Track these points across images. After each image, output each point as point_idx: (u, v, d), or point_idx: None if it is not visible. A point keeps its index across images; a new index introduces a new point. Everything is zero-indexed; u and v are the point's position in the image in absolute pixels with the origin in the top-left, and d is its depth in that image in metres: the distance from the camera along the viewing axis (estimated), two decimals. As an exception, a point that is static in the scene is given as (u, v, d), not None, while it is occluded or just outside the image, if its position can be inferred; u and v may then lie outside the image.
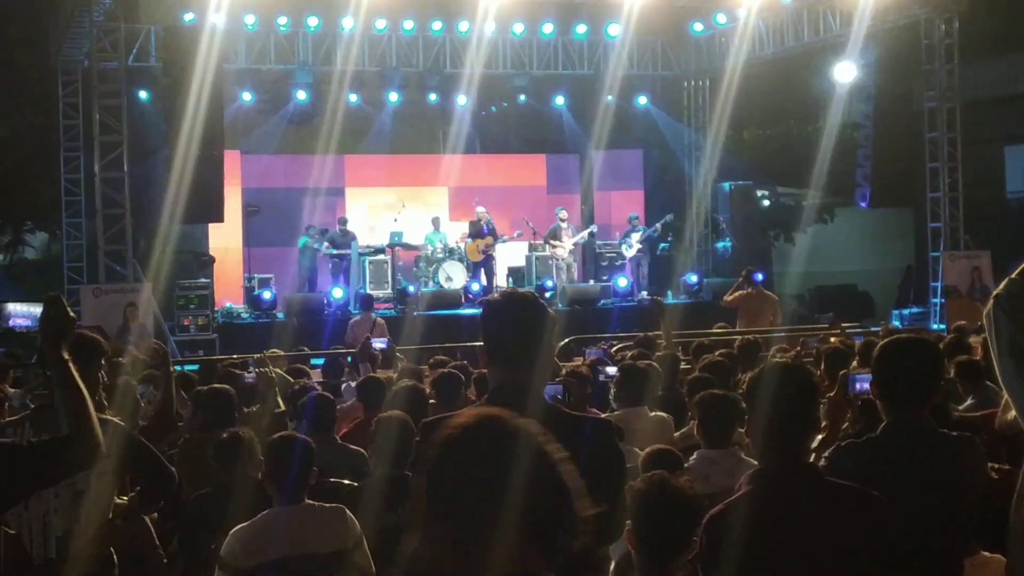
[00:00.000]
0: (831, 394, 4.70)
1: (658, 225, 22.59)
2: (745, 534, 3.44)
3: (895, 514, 3.52)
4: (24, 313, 4.93)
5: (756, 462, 3.96)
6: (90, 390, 3.78)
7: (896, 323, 19.62)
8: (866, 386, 4.41)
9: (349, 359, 11.59)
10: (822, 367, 8.11)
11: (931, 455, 4.02)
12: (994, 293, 3.15)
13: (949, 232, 20.82)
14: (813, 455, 4.04)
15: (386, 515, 5.30)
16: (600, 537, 3.71)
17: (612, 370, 8.45)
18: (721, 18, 22.94)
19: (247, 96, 22.66)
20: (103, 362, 5.39)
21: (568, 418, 3.81)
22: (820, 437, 4.35)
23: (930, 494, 3.97)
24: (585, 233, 22.77)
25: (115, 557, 5.32)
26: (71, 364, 3.81)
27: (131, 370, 7.44)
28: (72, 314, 3.99)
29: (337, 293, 20.20)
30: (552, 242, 22.30)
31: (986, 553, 4.74)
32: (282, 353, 11.85)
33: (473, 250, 21.70)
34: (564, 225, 22.40)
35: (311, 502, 5.16)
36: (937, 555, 3.98)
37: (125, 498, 5.42)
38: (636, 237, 22.45)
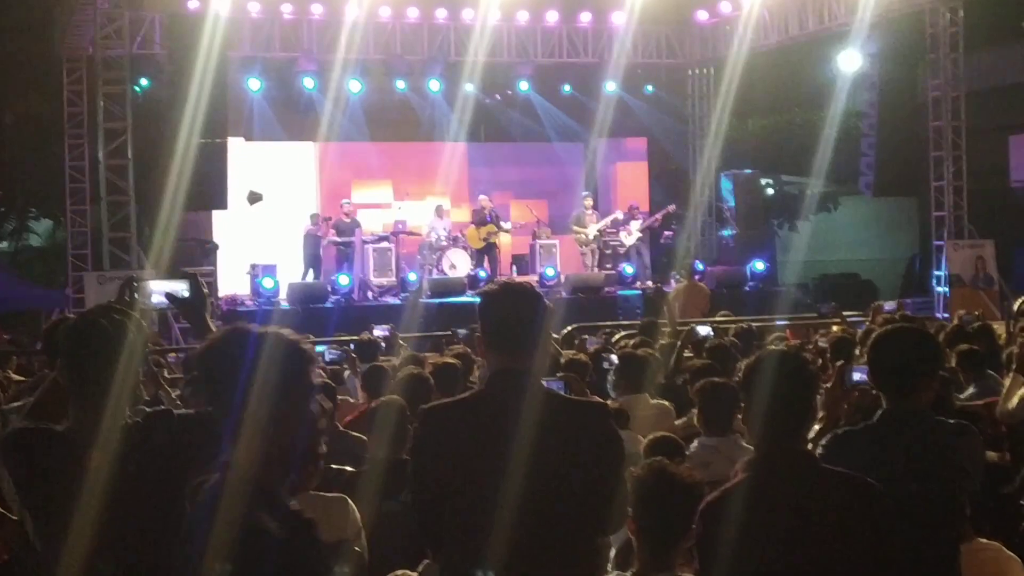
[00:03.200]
0: (828, 384, 4.71)
1: (658, 216, 22.53)
2: (741, 521, 3.46)
3: (890, 501, 3.54)
4: (159, 291, 4.95)
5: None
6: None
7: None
8: (863, 376, 4.43)
9: (352, 347, 11.55)
10: (827, 355, 8.13)
11: (927, 442, 4.04)
12: None
13: (953, 221, 20.79)
14: (810, 443, 4.06)
15: (385, 501, 5.32)
16: (602, 525, 3.73)
17: (616, 358, 8.47)
18: (725, 6, 22.89)
19: (253, 84, 22.66)
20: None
21: (566, 403, 3.84)
22: (818, 427, 4.36)
23: (926, 481, 3.98)
24: (609, 220, 22.62)
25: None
26: None
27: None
28: (206, 290, 4.00)
29: (343, 280, 20.20)
30: (575, 228, 22.27)
31: (983, 540, 4.77)
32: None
33: (475, 238, 21.70)
34: (589, 212, 22.36)
35: (312, 491, 5.18)
36: (933, 542, 4.00)
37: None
38: (635, 225, 22.37)
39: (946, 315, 18.53)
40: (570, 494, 3.48)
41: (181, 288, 3.94)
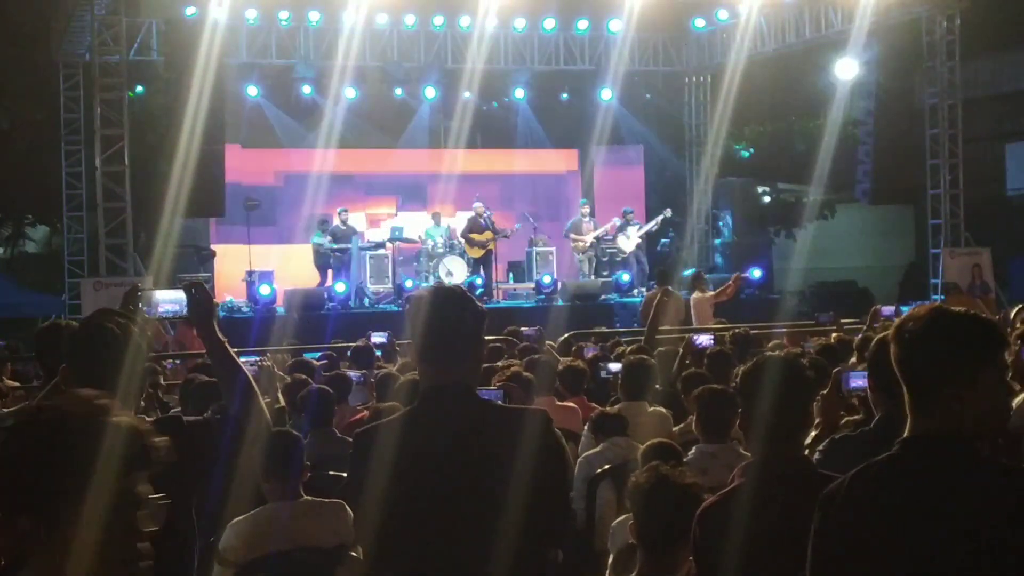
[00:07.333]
0: (824, 391, 4.71)
1: (657, 219, 22.49)
2: (738, 526, 3.46)
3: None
4: (171, 299, 4.93)
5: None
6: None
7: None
8: (860, 383, 4.42)
9: (349, 353, 11.53)
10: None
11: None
12: None
13: (949, 229, 20.84)
14: (807, 450, 4.06)
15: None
16: (549, 537, 3.63)
17: (615, 366, 8.46)
18: (723, 14, 22.92)
19: (251, 91, 22.66)
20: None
21: (503, 413, 3.74)
22: (814, 433, 4.36)
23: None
24: (607, 227, 22.57)
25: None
26: (228, 344, 3.87)
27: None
28: (214, 299, 4.02)
29: (339, 287, 20.17)
30: (573, 236, 22.22)
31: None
32: (286, 346, 11.91)
33: (472, 244, 21.62)
34: (586, 219, 22.34)
35: (310, 497, 5.18)
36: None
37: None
38: (633, 231, 22.30)
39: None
40: (513, 507, 3.32)
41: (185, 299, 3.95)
